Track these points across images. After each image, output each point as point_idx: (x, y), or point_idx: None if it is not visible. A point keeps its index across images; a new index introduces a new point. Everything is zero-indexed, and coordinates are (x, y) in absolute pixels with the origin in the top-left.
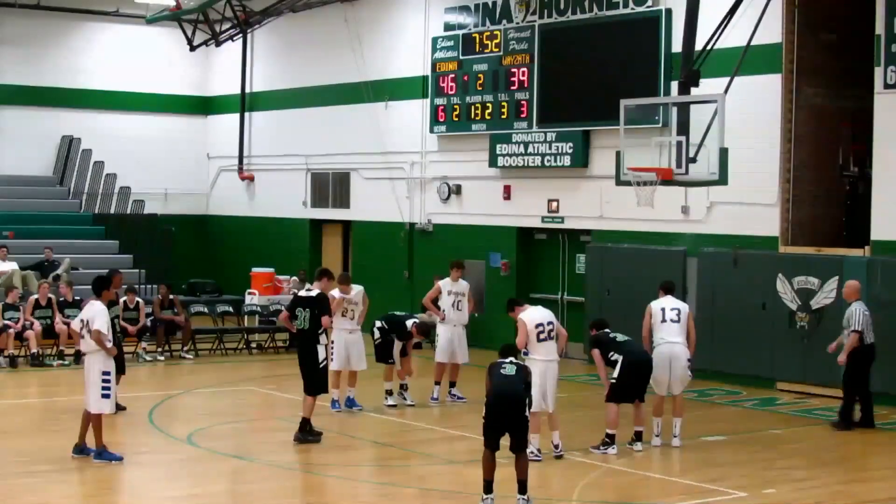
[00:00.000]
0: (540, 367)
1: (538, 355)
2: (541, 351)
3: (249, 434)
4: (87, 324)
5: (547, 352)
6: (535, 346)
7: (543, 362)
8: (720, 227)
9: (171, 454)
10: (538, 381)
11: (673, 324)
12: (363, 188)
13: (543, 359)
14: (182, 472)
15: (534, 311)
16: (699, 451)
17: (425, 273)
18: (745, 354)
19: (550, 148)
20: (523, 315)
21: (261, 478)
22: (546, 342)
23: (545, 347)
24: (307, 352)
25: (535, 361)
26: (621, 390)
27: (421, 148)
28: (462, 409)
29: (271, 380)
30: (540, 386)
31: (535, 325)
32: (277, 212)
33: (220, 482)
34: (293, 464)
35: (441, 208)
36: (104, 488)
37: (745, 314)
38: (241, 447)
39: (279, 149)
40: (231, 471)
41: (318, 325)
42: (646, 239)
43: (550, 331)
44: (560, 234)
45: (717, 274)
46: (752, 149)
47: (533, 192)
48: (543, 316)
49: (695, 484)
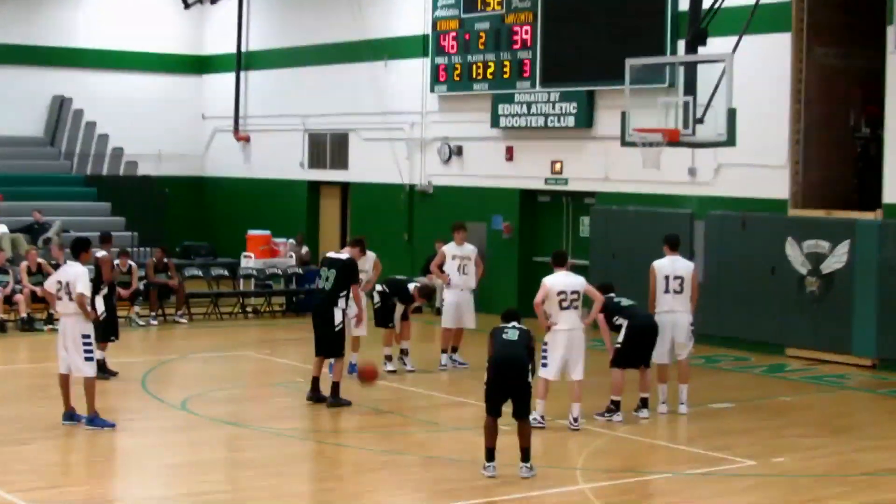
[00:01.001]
0: (562, 337)
1: (561, 324)
2: (563, 319)
3: (245, 401)
4: (65, 286)
5: (570, 321)
6: (558, 314)
7: (566, 332)
8: (728, 190)
9: (166, 421)
10: (561, 351)
11: (676, 294)
12: (362, 149)
13: (566, 328)
14: (177, 439)
15: (561, 276)
16: (706, 418)
17: (425, 236)
18: (753, 320)
19: (554, 108)
20: (547, 279)
21: (258, 445)
22: (569, 311)
23: (568, 316)
24: (324, 312)
25: (558, 331)
26: (626, 356)
27: (421, 108)
28: (463, 374)
29: (267, 345)
30: (563, 357)
31: (557, 292)
32: (274, 173)
33: (216, 449)
34: (291, 431)
35: (442, 170)
36: (97, 455)
37: (754, 279)
38: (237, 414)
39: (276, 109)
40: (227, 438)
41: (340, 288)
42: (652, 201)
43: (574, 299)
44: (564, 197)
45: (725, 237)
46: (761, 109)
47: (536, 154)
48: (568, 283)
49: (702, 452)
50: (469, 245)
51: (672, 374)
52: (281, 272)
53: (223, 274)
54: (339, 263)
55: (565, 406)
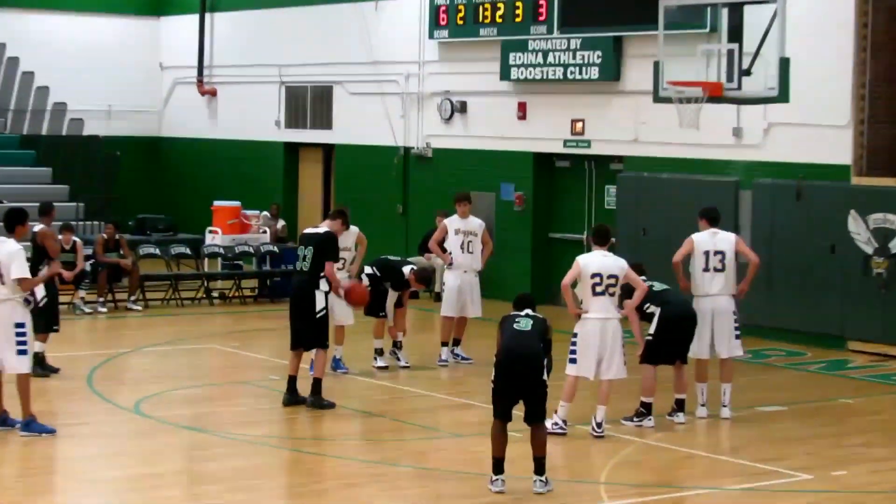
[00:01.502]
0: (594, 328)
1: (592, 312)
2: (595, 306)
3: (210, 402)
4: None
5: (602, 308)
6: (589, 300)
7: (598, 321)
8: (780, 154)
9: (116, 426)
10: (595, 344)
11: (717, 273)
12: (348, 105)
13: (597, 316)
14: (129, 447)
15: (598, 256)
16: (754, 424)
17: (423, 208)
18: (809, 308)
19: (574, 57)
20: (582, 257)
21: (224, 454)
22: (602, 297)
23: (601, 303)
24: (303, 297)
25: (588, 320)
26: (659, 349)
27: (418, 57)
28: (467, 371)
29: (236, 336)
30: (596, 350)
31: (591, 274)
32: (245, 133)
33: (174, 459)
34: (263, 438)
35: (442, 130)
36: (33, 467)
37: (810, 259)
38: (200, 418)
39: (247, 57)
40: (188, 446)
41: (320, 267)
42: (690, 167)
43: (610, 285)
44: (586, 162)
45: (777, 210)
46: (819, 59)
47: (553, 111)
48: (606, 265)
49: (748, 464)
50: (475, 219)
51: (713, 372)
52: (252, 250)
53: (184, 252)
54: (316, 239)
55: (587, 409)
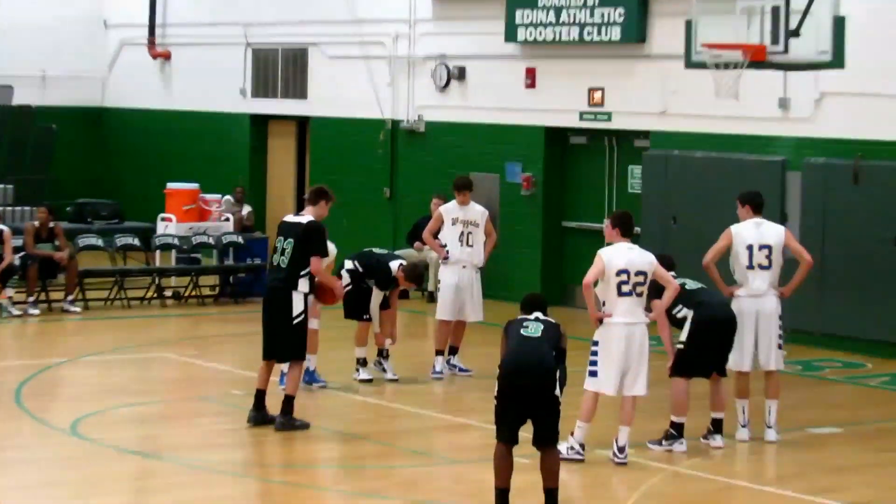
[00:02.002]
0: (620, 335)
1: (617, 315)
2: (621, 309)
3: (162, 421)
4: None
5: (629, 311)
6: (614, 301)
7: (624, 326)
8: (834, 129)
9: (50, 449)
10: (619, 354)
11: (762, 270)
12: (326, 71)
13: (624, 321)
14: (63, 476)
15: (623, 249)
16: (804, 448)
17: (413, 192)
18: (869, 311)
19: (593, 15)
20: (605, 251)
21: (178, 484)
22: (630, 298)
23: (627, 305)
24: (278, 300)
25: (613, 325)
26: (692, 360)
27: (409, 15)
28: (466, 385)
29: (193, 343)
30: (619, 362)
31: (617, 271)
32: (204, 104)
33: (118, 491)
34: (224, 464)
35: (437, 100)
36: None
37: (871, 253)
38: (149, 440)
39: (207, 14)
40: (135, 474)
41: (303, 264)
42: (728, 145)
43: (638, 283)
44: (606, 138)
45: (831, 195)
46: (880, 18)
47: (568, 78)
48: (633, 260)
49: (798, 496)
50: (476, 206)
51: (756, 387)
52: (213, 241)
53: (132, 244)
54: (298, 229)
55: (608, 430)
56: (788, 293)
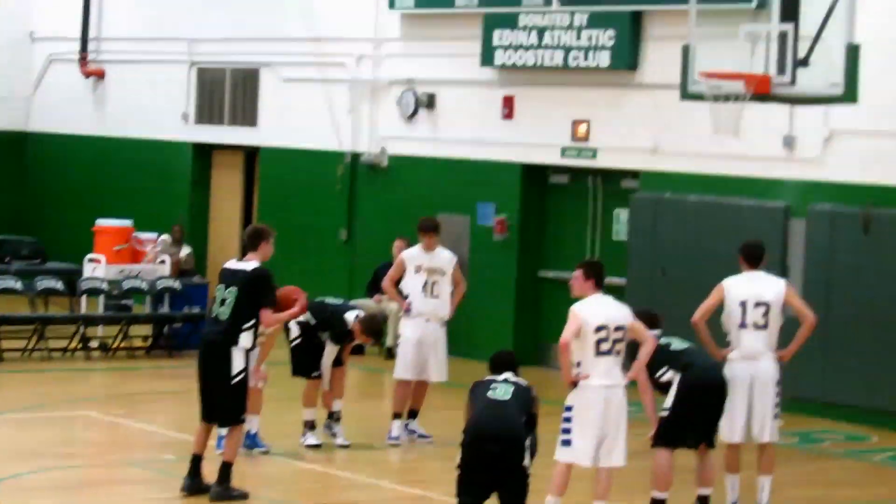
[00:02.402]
0: (597, 399)
1: (595, 377)
2: (599, 370)
3: (85, 488)
4: None
5: (607, 372)
6: (592, 361)
7: (602, 389)
8: (844, 172)
9: None
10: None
11: (757, 330)
12: (280, 95)
13: (602, 383)
14: None
15: (598, 302)
16: None
17: (374, 233)
18: (876, 378)
19: (579, 38)
20: (580, 306)
21: None
22: (608, 357)
23: (606, 366)
24: (217, 354)
25: (590, 388)
26: (677, 429)
27: (374, 34)
28: (425, 453)
29: (121, 401)
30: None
31: (596, 327)
32: (141, 129)
33: None
34: None
35: (403, 130)
36: None
37: (880, 312)
38: None
39: (147, 28)
40: None
41: (247, 317)
42: (726, 188)
43: (617, 340)
44: (590, 177)
45: (838, 245)
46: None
47: (549, 109)
48: (611, 313)
49: None
50: (444, 252)
51: (748, 460)
52: (146, 286)
53: (55, 288)
54: (241, 277)
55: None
56: (788, 357)
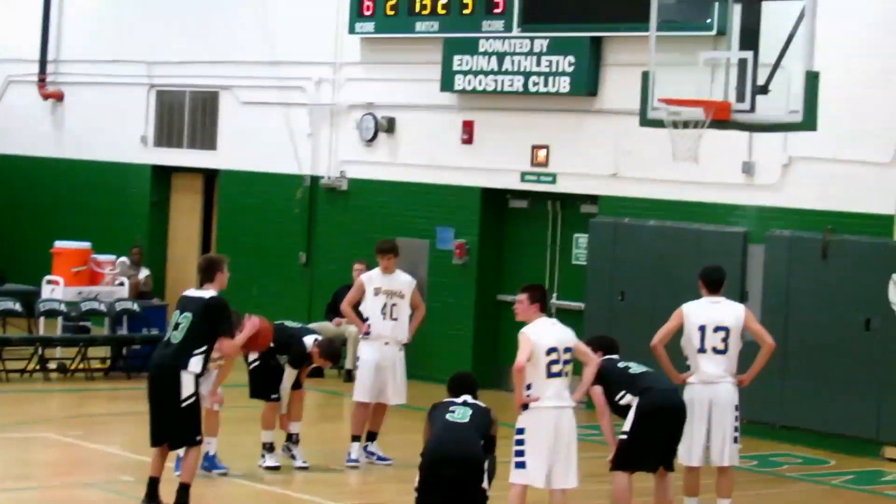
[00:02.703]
0: (549, 420)
1: (546, 399)
2: (550, 392)
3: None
4: None
5: (557, 394)
6: (543, 383)
7: (553, 411)
8: (802, 199)
9: None
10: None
11: (716, 355)
12: (238, 118)
13: (553, 405)
14: None
15: (546, 325)
16: None
17: (332, 257)
18: (835, 402)
19: (539, 64)
20: (530, 329)
21: None
22: (559, 379)
23: (556, 388)
24: (163, 380)
25: (542, 410)
26: (636, 452)
27: (334, 57)
28: (384, 475)
29: (78, 422)
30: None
31: (547, 349)
32: (100, 152)
33: None
34: None
35: (362, 154)
36: None
37: (839, 337)
38: None
39: (106, 50)
40: None
41: (196, 341)
42: (685, 213)
43: (566, 362)
44: (549, 202)
45: (796, 272)
46: (857, 75)
47: (509, 134)
48: (560, 338)
49: None
50: (403, 275)
51: (707, 483)
52: (105, 308)
53: (13, 309)
54: (198, 304)
55: None
56: (748, 381)
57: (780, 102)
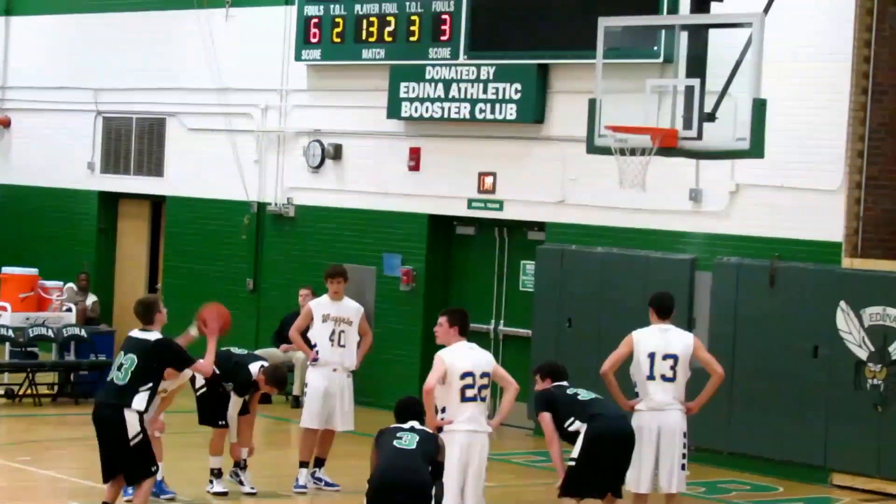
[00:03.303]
0: (460, 442)
1: (459, 422)
2: (463, 416)
3: None
4: None
5: (472, 418)
6: (456, 407)
7: (466, 433)
8: (750, 226)
9: None
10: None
11: (665, 382)
12: (186, 145)
13: (467, 428)
14: None
15: (464, 349)
16: None
17: (280, 283)
18: (783, 429)
19: (486, 91)
20: (445, 353)
21: None
22: (473, 403)
23: (471, 412)
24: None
25: (454, 432)
26: (584, 479)
27: (280, 84)
28: (332, 501)
29: (26, 448)
30: (460, 472)
31: (461, 373)
32: (47, 178)
33: None
34: None
35: (309, 181)
36: None
37: (786, 364)
38: None
39: (53, 76)
40: None
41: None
42: (632, 240)
43: (483, 387)
44: (496, 229)
45: (744, 299)
46: (804, 102)
47: (455, 161)
48: (477, 362)
49: None
50: (350, 302)
51: None
52: (52, 334)
53: None
54: (143, 347)
55: None
56: (697, 409)
57: (728, 130)
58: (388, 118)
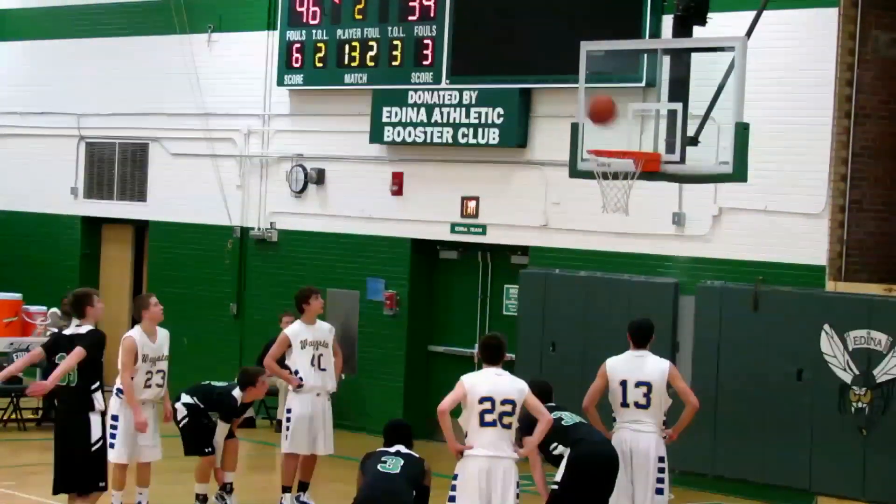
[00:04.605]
0: (479, 468)
1: (478, 447)
2: (482, 441)
3: None
4: None
5: (492, 444)
6: (476, 431)
7: (485, 460)
8: (733, 249)
9: None
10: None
11: (639, 409)
12: (168, 170)
13: (485, 454)
14: None
15: (489, 375)
16: None
17: (263, 308)
18: (767, 453)
19: (468, 115)
20: (468, 377)
21: None
22: (493, 429)
23: (490, 437)
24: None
25: (472, 458)
26: (567, 502)
27: (263, 109)
28: None
29: (11, 472)
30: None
31: (480, 398)
32: (30, 203)
33: None
34: None
35: (292, 206)
36: None
37: (771, 388)
38: None
39: (35, 102)
40: None
41: (92, 378)
42: (615, 264)
43: (505, 413)
44: (479, 253)
45: (728, 323)
46: (787, 127)
47: (438, 185)
48: (500, 387)
49: None
50: (323, 323)
51: None
52: None
53: None
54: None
55: None
56: (675, 436)
57: (710, 154)
58: (371, 143)
